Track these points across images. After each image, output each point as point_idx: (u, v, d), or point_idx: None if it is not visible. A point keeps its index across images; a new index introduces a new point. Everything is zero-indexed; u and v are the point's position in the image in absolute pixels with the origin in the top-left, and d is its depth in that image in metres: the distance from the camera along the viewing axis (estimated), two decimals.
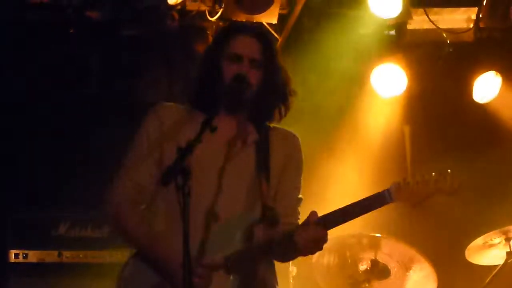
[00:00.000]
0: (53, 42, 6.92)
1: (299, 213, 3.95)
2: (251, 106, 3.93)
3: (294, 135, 4.06)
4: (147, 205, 3.86)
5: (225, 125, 3.84)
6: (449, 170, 3.66)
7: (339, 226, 3.71)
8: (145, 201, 3.85)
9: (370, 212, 3.73)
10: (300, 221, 3.82)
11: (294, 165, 4.00)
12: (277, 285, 3.90)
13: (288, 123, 4.12)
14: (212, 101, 3.83)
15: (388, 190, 3.66)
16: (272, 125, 4.03)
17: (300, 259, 4.23)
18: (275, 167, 3.90)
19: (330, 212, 3.70)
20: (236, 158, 3.86)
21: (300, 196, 3.98)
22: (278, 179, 3.91)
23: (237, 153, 3.87)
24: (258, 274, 3.77)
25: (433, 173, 3.65)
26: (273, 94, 3.97)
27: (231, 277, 3.67)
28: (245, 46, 3.94)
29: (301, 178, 4.02)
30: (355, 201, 3.70)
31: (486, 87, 7.44)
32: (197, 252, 3.60)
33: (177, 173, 3.26)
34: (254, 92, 3.88)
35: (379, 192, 3.68)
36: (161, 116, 3.94)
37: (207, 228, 3.69)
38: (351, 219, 3.69)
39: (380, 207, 3.68)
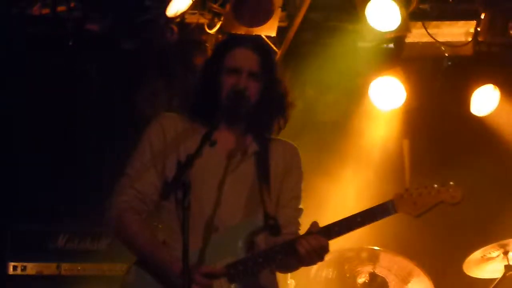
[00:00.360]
0: (53, 54, 6.93)
1: (299, 224, 3.97)
2: (250, 118, 3.94)
3: (293, 146, 4.08)
4: (151, 213, 3.86)
5: (225, 138, 3.86)
6: (451, 182, 3.67)
7: (341, 237, 3.72)
8: (148, 210, 3.85)
9: (371, 224, 3.74)
10: (301, 233, 3.83)
11: (294, 175, 4.01)
12: None
13: (287, 136, 4.14)
14: (211, 114, 3.81)
15: (391, 201, 3.69)
16: (271, 137, 4.03)
17: (298, 272, 4.27)
18: (275, 177, 3.92)
19: (333, 223, 3.72)
20: (236, 170, 3.89)
21: (300, 206, 3.99)
22: (278, 189, 3.93)
23: (237, 165, 3.90)
24: (260, 283, 3.77)
25: (435, 185, 3.68)
26: (272, 106, 3.97)
27: (232, 286, 3.67)
28: (244, 58, 3.95)
29: (302, 189, 4.03)
30: (358, 212, 3.70)
31: (484, 100, 7.42)
32: (197, 261, 3.61)
33: (177, 188, 3.32)
34: (252, 105, 3.89)
35: (382, 203, 3.70)
36: (164, 126, 3.95)
37: (206, 239, 3.70)
38: (354, 230, 3.72)
39: (382, 218, 3.70)
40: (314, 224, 3.66)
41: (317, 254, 3.66)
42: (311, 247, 3.62)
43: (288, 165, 4.00)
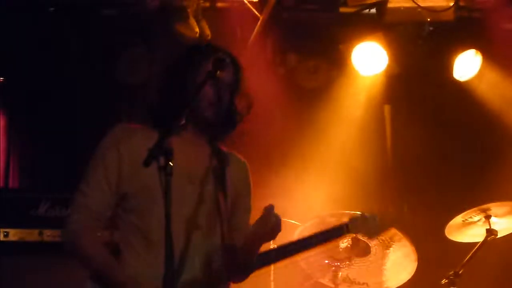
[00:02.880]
0: (34, 21, 6.91)
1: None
2: (213, 129, 3.95)
3: (244, 161, 4.12)
4: (106, 227, 3.86)
5: (186, 148, 3.82)
6: (405, 209, 3.74)
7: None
8: (102, 226, 3.83)
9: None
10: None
11: (247, 190, 4.07)
12: None
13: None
14: (181, 112, 3.67)
15: (346, 224, 3.84)
16: (223, 149, 4.03)
17: (281, 237, 4.24)
18: (231, 193, 3.93)
19: (289, 242, 3.77)
20: (199, 187, 3.86)
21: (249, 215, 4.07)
22: (233, 201, 3.96)
23: (200, 183, 3.87)
24: None
25: (391, 210, 3.73)
26: (232, 116, 3.98)
27: None
28: (224, 71, 3.88)
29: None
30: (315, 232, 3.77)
31: (466, 65, 7.50)
32: (158, 274, 3.44)
33: (159, 153, 3.28)
34: (222, 114, 3.89)
35: (338, 225, 3.79)
36: (119, 137, 3.88)
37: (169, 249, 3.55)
38: (309, 250, 3.83)
39: (337, 238, 3.78)
40: (268, 206, 3.68)
41: (272, 232, 3.71)
42: (267, 226, 3.68)
43: (242, 180, 4.06)
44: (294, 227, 6.02)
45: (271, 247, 4.97)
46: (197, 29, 6.85)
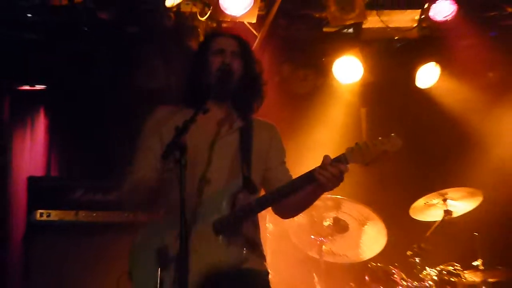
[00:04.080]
0: (70, 38, 6.83)
1: (291, 176, 3.91)
2: (235, 95, 3.92)
3: (273, 125, 4.05)
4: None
5: (215, 110, 3.81)
6: (392, 134, 3.59)
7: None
8: (151, 187, 3.72)
9: None
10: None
11: (277, 146, 3.97)
12: (261, 240, 3.84)
13: (268, 104, 4.06)
14: (203, 91, 3.76)
15: (343, 154, 3.58)
16: (253, 117, 4.00)
17: (274, 217, 4.13)
18: (259, 151, 3.86)
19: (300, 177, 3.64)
20: (224, 138, 3.84)
21: (287, 166, 3.97)
22: (264, 159, 3.88)
23: (224, 134, 3.85)
24: (242, 231, 3.68)
25: (379, 137, 3.58)
26: (252, 83, 3.96)
27: (219, 237, 3.59)
28: (226, 42, 3.96)
29: (285, 156, 4.00)
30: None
31: (427, 75, 7.48)
32: (191, 217, 3.52)
33: (174, 149, 3.26)
34: (237, 79, 3.88)
35: (336, 156, 3.59)
36: (157, 116, 3.92)
37: (201, 192, 3.66)
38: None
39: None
40: (327, 156, 3.55)
41: (337, 178, 3.53)
42: (331, 174, 3.50)
43: (271, 139, 3.97)
44: None
45: None
46: None
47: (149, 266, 3.59)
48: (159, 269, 3.55)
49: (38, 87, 7.07)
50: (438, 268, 6.18)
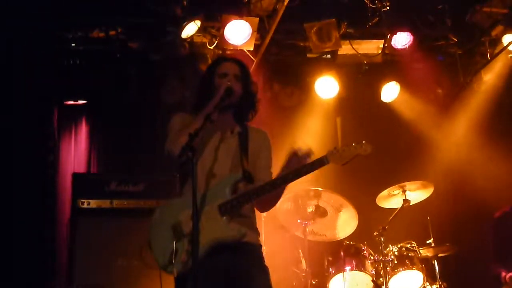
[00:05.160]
0: (106, 63, 6.84)
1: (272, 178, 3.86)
2: (235, 109, 3.90)
3: (265, 132, 4.01)
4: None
5: (220, 119, 3.78)
6: (363, 141, 3.65)
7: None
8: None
9: (314, 174, 3.72)
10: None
11: (266, 150, 3.93)
12: (256, 220, 3.84)
13: (261, 116, 4.09)
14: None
15: (325, 156, 3.64)
16: (249, 125, 3.98)
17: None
18: (253, 152, 3.85)
19: (288, 171, 3.65)
20: (226, 141, 3.83)
21: (271, 170, 3.91)
22: (255, 160, 3.85)
23: (227, 138, 3.85)
24: (242, 213, 3.69)
25: (353, 143, 3.66)
26: (249, 100, 3.93)
27: (224, 218, 3.63)
28: (230, 67, 3.91)
29: (271, 160, 3.95)
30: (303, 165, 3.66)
31: (389, 91, 7.47)
32: (200, 201, 3.57)
33: (188, 151, 3.33)
34: (237, 97, 3.85)
35: (319, 157, 3.65)
36: (179, 115, 3.92)
37: (208, 183, 3.67)
38: (301, 176, 3.65)
39: (320, 167, 3.62)
40: (293, 149, 3.64)
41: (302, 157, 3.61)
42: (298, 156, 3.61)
43: (262, 143, 3.92)
44: None
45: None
46: None
47: (165, 238, 3.58)
48: (174, 241, 3.56)
49: (80, 101, 7.03)
50: (398, 245, 6.19)
